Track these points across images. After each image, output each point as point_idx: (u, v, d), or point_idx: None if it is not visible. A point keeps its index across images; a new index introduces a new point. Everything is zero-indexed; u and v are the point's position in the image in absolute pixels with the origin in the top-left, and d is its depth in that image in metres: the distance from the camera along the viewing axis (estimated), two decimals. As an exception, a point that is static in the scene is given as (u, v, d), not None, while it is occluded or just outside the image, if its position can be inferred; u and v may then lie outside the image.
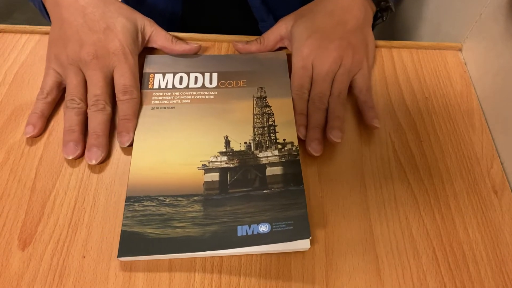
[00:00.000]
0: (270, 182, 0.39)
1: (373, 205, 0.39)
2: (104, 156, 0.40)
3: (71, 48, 0.42)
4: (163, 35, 0.47)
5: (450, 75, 0.51)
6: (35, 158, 0.40)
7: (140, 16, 0.47)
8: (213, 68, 0.47)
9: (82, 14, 0.43)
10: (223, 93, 0.45)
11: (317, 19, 0.47)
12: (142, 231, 0.35)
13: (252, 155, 0.40)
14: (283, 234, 0.35)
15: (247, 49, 0.49)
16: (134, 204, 0.37)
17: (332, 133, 0.42)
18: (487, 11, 0.49)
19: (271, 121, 0.42)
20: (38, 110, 0.42)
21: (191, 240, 0.35)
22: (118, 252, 0.34)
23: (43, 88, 0.42)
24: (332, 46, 0.46)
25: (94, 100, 0.41)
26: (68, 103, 0.41)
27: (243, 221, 0.36)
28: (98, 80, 0.41)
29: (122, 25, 0.44)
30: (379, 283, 0.35)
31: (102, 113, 0.41)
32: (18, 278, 0.34)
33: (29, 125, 0.41)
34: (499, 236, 0.38)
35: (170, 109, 0.43)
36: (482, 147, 0.44)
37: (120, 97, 0.42)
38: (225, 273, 0.35)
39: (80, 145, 0.40)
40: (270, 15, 0.60)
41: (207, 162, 0.39)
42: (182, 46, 0.47)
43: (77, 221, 0.37)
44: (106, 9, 0.44)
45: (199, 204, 0.37)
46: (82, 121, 0.41)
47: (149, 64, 0.47)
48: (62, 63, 0.42)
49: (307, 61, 0.46)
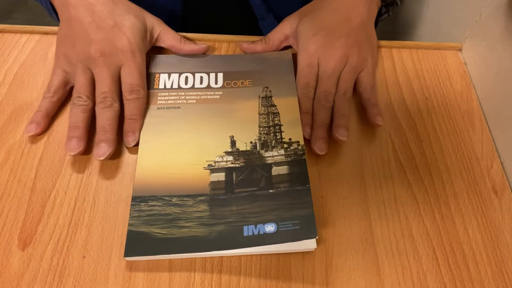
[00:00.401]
0: (276, 181, 0.39)
1: (373, 205, 0.39)
2: (112, 152, 0.40)
3: (80, 47, 0.42)
4: (171, 35, 0.47)
5: (450, 75, 0.51)
6: (35, 158, 0.40)
7: (149, 15, 0.47)
8: (218, 68, 0.47)
9: (90, 12, 0.43)
10: (229, 93, 0.45)
11: (322, 16, 0.47)
12: (149, 231, 0.35)
13: (258, 155, 0.40)
14: (290, 234, 0.35)
15: (252, 49, 0.49)
16: (140, 204, 0.37)
17: (338, 131, 0.42)
18: (487, 11, 0.49)
19: (277, 120, 0.42)
20: (43, 108, 0.42)
21: (197, 240, 0.35)
22: (125, 252, 0.34)
23: (50, 86, 0.42)
24: (338, 44, 0.45)
25: (102, 98, 0.41)
26: (75, 100, 0.41)
27: (249, 221, 0.36)
28: (105, 78, 0.41)
29: (131, 23, 0.44)
30: (379, 283, 0.35)
31: (110, 109, 0.41)
32: (18, 278, 0.34)
33: (32, 123, 0.41)
34: (499, 236, 0.38)
35: (175, 109, 0.43)
36: (482, 147, 0.44)
37: (127, 96, 0.42)
38: (225, 273, 0.35)
39: (83, 142, 0.40)
40: (271, 14, 0.60)
41: (213, 162, 0.39)
42: (191, 46, 0.47)
43: (77, 221, 0.37)
44: (115, 7, 0.44)
45: (205, 204, 0.37)
46: (87, 119, 0.41)
47: (154, 64, 0.47)
48: (70, 61, 0.42)
49: (313, 59, 0.46)
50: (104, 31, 0.43)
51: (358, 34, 0.47)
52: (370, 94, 0.45)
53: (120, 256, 0.35)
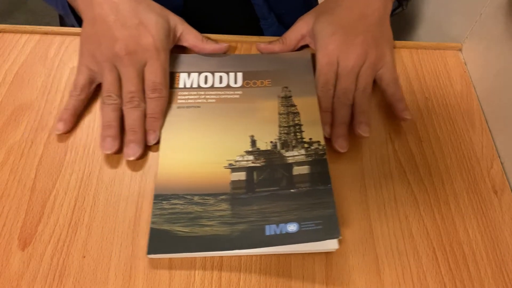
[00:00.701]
0: (297, 181, 0.39)
1: (373, 205, 0.39)
2: (142, 152, 0.40)
3: (105, 45, 0.42)
4: (194, 34, 0.48)
5: (450, 75, 0.51)
6: (35, 158, 0.40)
7: (172, 14, 0.47)
8: (237, 67, 0.47)
9: (115, 11, 0.43)
10: (248, 92, 0.45)
11: (339, 14, 0.47)
12: (171, 229, 0.35)
13: (278, 154, 0.40)
14: (312, 234, 0.35)
15: (270, 49, 0.49)
16: (162, 202, 0.37)
17: (360, 128, 0.42)
18: (487, 11, 0.49)
19: (297, 120, 0.42)
20: (71, 106, 0.42)
21: (219, 238, 0.35)
22: (148, 250, 0.34)
23: (76, 85, 0.43)
24: (357, 41, 0.45)
25: (129, 97, 0.41)
26: (105, 99, 0.41)
27: (271, 220, 0.36)
28: (132, 77, 0.42)
29: (155, 21, 0.44)
30: (379, 283, 0.35)
31: (137, 109, 0.41)
32: (18, 278, 0.34)
33: (60, 122, 0.41)
34: (499, 236, 0.38)
35: (196, 108, 0.43)
36: (482, 147, 0.44)
37: (149, 94, 0.42)
38: (225, 272, 0.35)
39: (118, 141, 0.40)
40: (272, 13, 0.60)
41: (234, 161, 0.39)
42: (213, 45, 0.47)
43: (77, 221, 0.37)
44: (139, 6, 0.44)
45: (226, 203, 0.37)
46: (119, 117, 0.41)
47: (174, 63, 0.47)
48: (96, 60, 0.43)
49: (333, 57, 0.45)
50: (128, 29, 0.43)
51: (375, 30, 0.47)
52: (394, 88, 0.45)
53: (120, 256, 0.35)
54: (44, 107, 0.44)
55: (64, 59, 0.48)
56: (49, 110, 0.44)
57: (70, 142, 0.42)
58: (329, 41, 0.46)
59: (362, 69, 0.45)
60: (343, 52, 0.45)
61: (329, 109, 0.44)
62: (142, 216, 0.37)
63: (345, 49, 0.45)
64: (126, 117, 0.41)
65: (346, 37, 0.46)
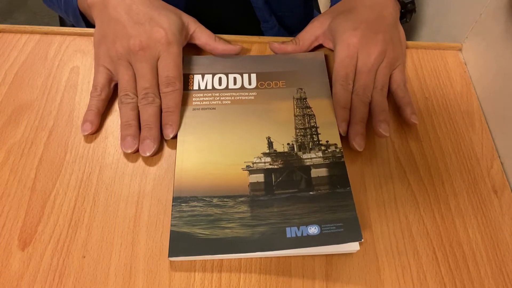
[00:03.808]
0: (316, 183, 0.39)
1: (373, 205, 0.39)
2: (157, 148, 0.40)
3: (120, 43, 0.43)
4: (206, 33, 0.48)
5: (450, 75, 0.51)
6: (35, 158, 0.40)
7: (185, 14, 0.47)
8: (251, 68, 0.47)
9: (128, 11, 0.44)
10: (263, 94, 0.45)
11: (359, 12, 0.47)
12: (191, 231, 0.35)
13: (295, 157, 0.40)
14: (334, 236, 0.35)
15: (283, 49, 0.49)
16: (181, 204, 0.37)
17: (381, 126, 0.42)
18: (487, 11, 0.49)
19: (313, 122, 0.42)
20: (94, 107, 0.42)
21: (240, 240, 0.34)
22: (169, 252, 0.34)
23: (96, 85, 0.43)
24: (378, 39, 0.45)
25: (144, 94, 0.42)
26: (123, 98, 0.42)
27: (292, 222, 0.36)
28: (146, 73, 0.42)
29: (168, 16, 0.44)
30: (379, 283, 0.35)
31: (152, 105, 0.41)
32: (18, 278, 0.34)
33: (86, 123, 0.41)
34: (499, 236, 0.38)
35: (211, 110, 0.43)
36: (482, 147, 0.44)
37: (163, 89, 0.42)
38: (225, 273, 0.35)
39: (137, 139, 0.41)
40: (273, 16, 0.60)
41: (251, 163, 0.39)
42: (225, 46, 0.47)
43: (77, 221, 0.37)
44: (151, 5, 0.45)
45: (245, 205, 0.37)
46: (137, 116, 0.41)
47: (187, 65, 0.47)
48: (112, 58, 0.43)
49: (353, 51, 0.45)
50: (141, 25, 0.43)
51: (392, 31, 0.47)
52: (404, 91, 0.45)
53: (120, 256, 0.35)
54: (44, 107, 0.44)
55: (64, 59, 0.48)
56: (49, 110, 0.44)
57: (70, 142, 0.42)
58: (351, 35, 0.45)
59: (380, 67, 0.45)
60: (365, 47, 0.45)
61: (348, 105, 0.43)
62: (142, 216, 0.37)
63: (366, 45, 0.45)
64: (142, 113, 0.41)
65: (368, 33, 0.46)
